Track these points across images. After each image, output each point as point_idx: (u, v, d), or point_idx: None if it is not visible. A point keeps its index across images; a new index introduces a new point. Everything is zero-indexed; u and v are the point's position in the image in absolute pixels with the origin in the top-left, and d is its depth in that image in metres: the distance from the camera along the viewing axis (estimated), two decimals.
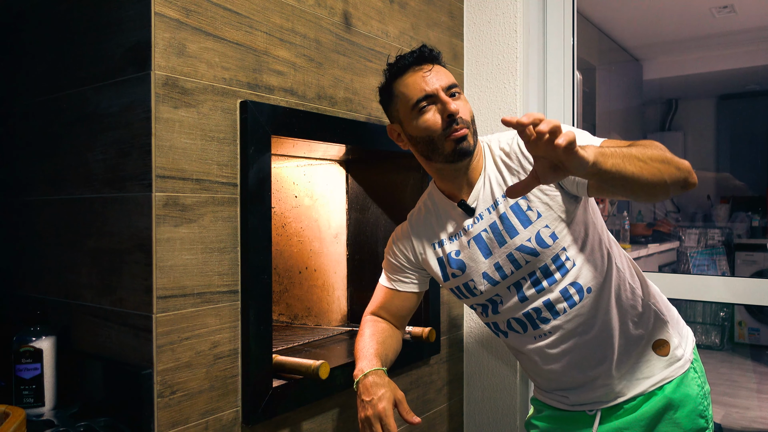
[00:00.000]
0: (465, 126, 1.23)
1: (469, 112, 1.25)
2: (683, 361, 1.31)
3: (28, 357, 1.23)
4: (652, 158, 1.04)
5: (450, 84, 1.25)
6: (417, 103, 1.24)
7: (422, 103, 1.23)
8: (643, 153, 1.04)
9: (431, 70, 1.25)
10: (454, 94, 1.25)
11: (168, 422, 1.15)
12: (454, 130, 1.22)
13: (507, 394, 1.97)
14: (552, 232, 1.21)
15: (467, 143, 1.23)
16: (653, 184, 1.04)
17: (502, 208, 1.25)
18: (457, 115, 1.22)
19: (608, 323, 1.26)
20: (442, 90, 1.23)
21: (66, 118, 1.31)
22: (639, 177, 1.02)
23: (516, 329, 1.31)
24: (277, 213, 2.04)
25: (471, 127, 1.25)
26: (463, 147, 1.23)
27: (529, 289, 1.25)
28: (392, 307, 1.44)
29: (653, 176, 1.03)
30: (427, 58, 1.27)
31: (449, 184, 1.31)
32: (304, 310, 2.01)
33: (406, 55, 1.28)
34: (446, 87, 1.24)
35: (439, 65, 1.28)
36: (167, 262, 1.15)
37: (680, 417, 1.28)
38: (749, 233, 3.13)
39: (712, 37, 3.06)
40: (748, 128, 3.26)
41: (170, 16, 1.16)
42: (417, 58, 1.27)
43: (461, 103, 1.25)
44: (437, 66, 1.27)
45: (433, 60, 1.27)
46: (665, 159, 1.06)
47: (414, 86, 1.24)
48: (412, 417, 1.22)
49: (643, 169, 1.02)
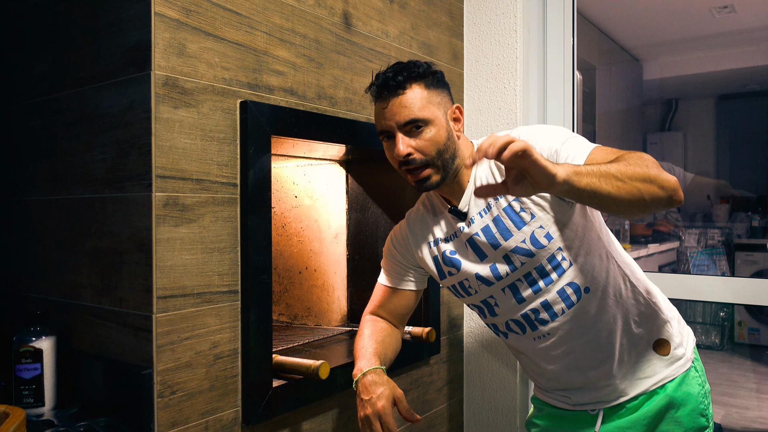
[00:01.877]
0: (421, 165, 1.20)
1: (434, 144, 1.20)
2: (684, 360, 1.31)
3: (28, 357, 1.23)
4: (632, 177, 1.01)
5: (408, 119, 1.18)
6: (380, 134, 1.25)
7: (383, 136, 1.24)
8: (623, 171, 1.01)
9: (389, 105, 1.20)
10: (417, 128, 1.19)
11: (168, 422, 1.15)
12: (408, 170, 1.22)
13: (507, 394, 1.97)
14: (547, 233, 1.21)
15: (429, 182, 1.22)
16: (630, 203, 1.02)
17: (496, 211, 1.24)
18: (409, 156, 1.19)
19: (608, 323, 1.26)
20: (398, 127, 1.20)
21: (66, 118, 1.31)
22: (616, 196, 1.00)
23: (515, 330, 1.31)
24: (277, 213, 2.04)
25: (436, 161, 1.20)
26: (424, 186, 1.23)
27: (525, 290, 1.25)
28: (391, 305, 1.45)
29: (631, 195, 1.01)
30: (388, 91, 1.20)
31: (441, 189, 1.31)
32: (304, 310, 2.01)
33: (376, 79, 1.24)
34: (403, 123, 1.19)
35: (413, 86, 1.20)
36: (167, 262, 1.15)
37: (682, 416, 1.28)
38: (749, 233, 3.13)
39: (712, 37, 3.06)
40: (748, 128, 3.26)
41: (170, 16, 1.16)
42: (378, 90, 1.22)
43: (427, 135, 1.19)
44: (402, 95, 1.19)
45: (398, 88, 1.19)
46: (648, 178, 1.02)
47: (377, 118, 1.25)
48: (412, 415, 1.22)
49: (621, 188, 1.00)
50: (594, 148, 1.15)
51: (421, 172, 1.21)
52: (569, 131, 1.22)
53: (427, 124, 1.20)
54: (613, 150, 1.13)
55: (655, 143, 3.40)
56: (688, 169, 3.29)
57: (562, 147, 1.16)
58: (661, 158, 3.28)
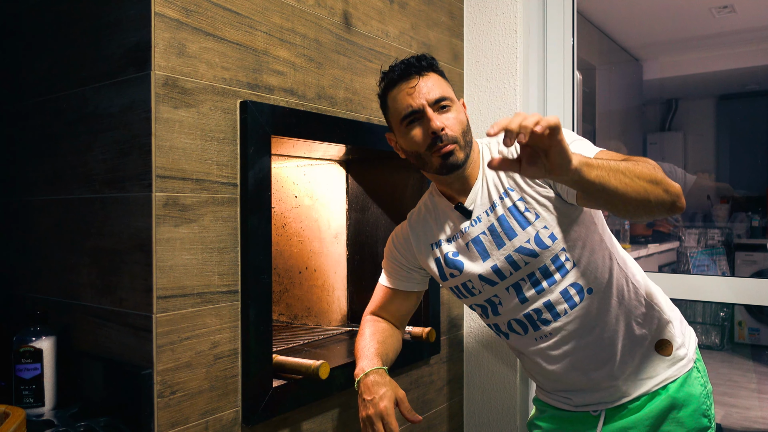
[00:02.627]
0: (451, 141, 1.21)
1: (459, 123, 1.22)
2: (686, 360, 1.31)
3: (28, 357, 1.23)
4: (639, 176, 1.02)
5: (438, 97, 1.21)
6: (404, 119, 1.23)
7: (408, 119, 1.22)
8: (631, 170, 1.01)
9: (417, 84, 1.22)
10: (444, 107, 1.22)
11: (168, 422, 1.15)
12: (438, 148, 1.21)
13: (507, 394, 1.97)
14: (551, 233, 1.21)
15: (455, 158, 1.21)
16: (636, 203, 1.02)
17: (500, 210, 1.25)
18: (441, 131, 1.19)
19: (611, 324, 1.26)
20: (428, 105, 1.21)
21: (66, 118, 1.31)
22: (623, 193, 1.00)
23: (517, 331, 1.30)
24: (277, 213, 2.04)
25: (461, 140, 1.22)
26: (450, 162, 1.22)
27: (528, 290, 1.25)
28: (392, 306, 1.45)
29: (637, 194, 1.01)
30: (415, 70, 1.23)
31: (447, 187, 1.31)
32: (304, 310, 2.01)
33: (395, 67, 1.26)
34: (433, 101, 1.21)
35: (432, 73, 1.24)
36: (167, 262, 1.15)
37: (684, 416, 1.28)
38: (749, 233, 3.13)
39: (712, 37, 3.06)
40: (748, 128, 3.26)
41: (170, 16, 1.16)
42: (403, 71, 1.24)
43: (451, 115, 1.22)
44: (427, 76, 1.23)
45: (422, 70, 1.23)
46: (654, 179, 1.03)
47: (401, 101, 1.23)
48: (413, 415, 1.22)
49: (628, 185, 1.00)
50: (599, 151, 1.16)
51: (448, 146, 1.21)
52: (571, 134, 1.23)
53: (452, 104, 1.24)
54: (617, 154, 1.14)
55: (655, 143, 3.40)
56: (688, 169, 3.29)
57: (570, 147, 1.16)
58: (661, 158, 3.28)
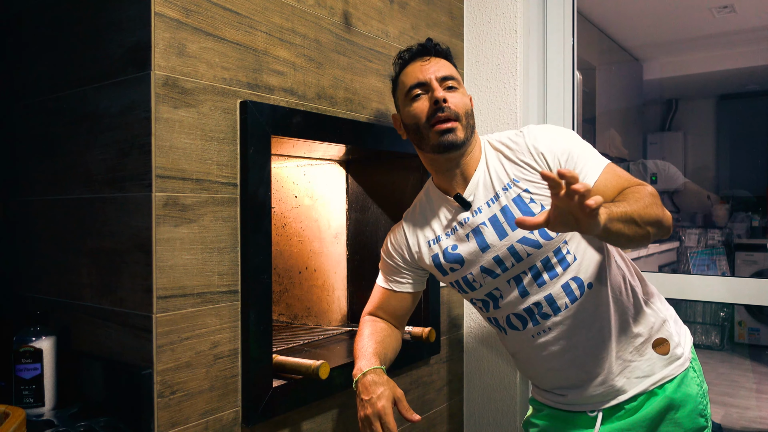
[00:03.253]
0: (452, 117, 1.23)
1: (463, 105, 1.26)
2: (683, 359, 1.31)
3: (28, 357, 1.23)
4: (648, 221, 1.10)
5: (446, 75, 1.27)
6: (410, 90, 1.28)
7: (415, 91, 1.27)
8: (642, 217, 1.08)
9: (429, 61, 1.29)
10: (451, 87, 1.27)
11: (168, 422, 1.15)
12: (438, 119, 1.23)
13: (507, 394, 1.97)
14: None
15: (453, 136, 1.23)
16: (636, 243, 1.13)
17: (504, 201, 1.25)
18: (444, 102, 1.23)
19: (608, 320, 1.26)
20: (436, 80, 1.26)
21: (66, 118, 1.31)
22: (630, 237, 1.09)
23: (515, 325, 1.31)
24: (277, 213, 2.04)
25: (462, 120, 1.25)
26: (447, 139, 1.23)
27: (530, 283, 1.25)
28: (389, 307, 1.45)
29: (641, 237, 1.11)
30: (428, 50, 1.31)
31: (444, 177, 1.32)
32: (304, 310, 2.01)
33: (411, 47, 1.34)
34: (441, 77, 1.27)
35: (444, 59, 1.31)
36: (167, 262, 1.15)
37: (681, 417, 1.28)
38: (749, 233, 3.12)
39: (712, 37, 3.06)
40: (748, 128, 3.26)
41: (170, 16, 1.16)
42: (419, 50, 1.32)
43: (457, 95, 1.26)
44: (438, 58, 1.31)
45: (436, 53, 1.31)
46: (658, 221, 1.12)
47: (411, 74, 1.29)
48: (412, 415, 1.22)
49: (637, 232, 1.09)
50: (604, 168, 1.21)
51: (449, 122, 1.24)
52: (579, 138, 1.26)
53: (459, 86, 1.29)
54: (621, 175, 1.20)
55: (655, 143, 3.40)
56: (688, 169, 3.29)
57: (578, 159, 1.21)
58: (661, 158, 3.28)
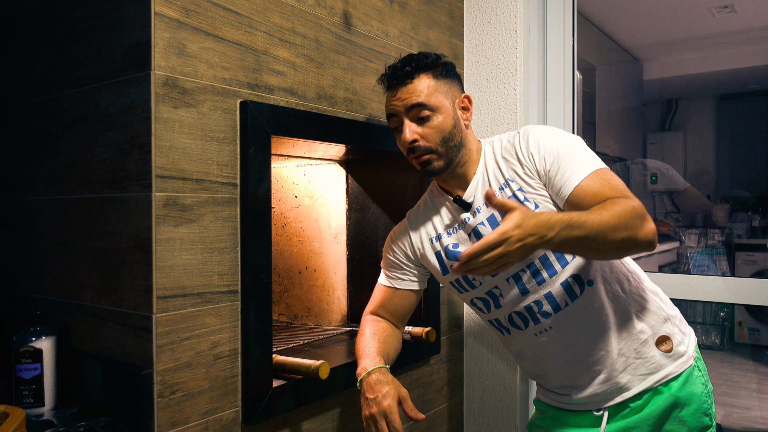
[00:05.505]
0: (425, 152, 1.26)
1: (438, 133, 1.26)
2: (686, 357, 1.31)
3: (28, 357, 1.23)
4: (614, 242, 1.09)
5: (414, 104, 1.25)
6: (388, 120, 1.31)
7: (392, 122, 1.30)
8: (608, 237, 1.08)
9: (398, 93, 1.27)
10: (422, 117, 1.25)
11: (168, 422, 1.15)
12: (412, 157, 1.29)
13: (507, 394, 1.97)
14: None
15: (431, 167, 1.28)
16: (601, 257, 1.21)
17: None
18: (414, 143, 1.26)
19: (610, 318, 1.26)
20: (404, 113, 1.26)
21: (66, 118, 1.31)
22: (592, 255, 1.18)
23: (518, 325, 1.31)
24: (277, 213, 2.04)
25: (440, 148, 1.26)
26: (427, 170, 1.28)
27: (529, 281, 1.25)
28: (391, 305, 1.45)
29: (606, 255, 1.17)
30: (397, 81, 1.27)
31: (445, 182, 1.34)
32: (304, 310, 2.01)
33: (387, 71, 1.31)
34: (409, 107, 1.25)
35: (422, 75, 1.26)
36: (167, 262, 1.15)
37: (686, 415, 1.28)
38: (749, 233, 3.12)
39: (712, 37, 3.06)
40: (748, 128, 3.26)
41: (170, 16, 1.16)
42: (389, 78, 1.30)
43: (430, 125, 1.25)
44: (410, 83, 1.26)
45: (405, 78, 1.26)
46: (629, 241, 1.10)
47: (387, 104, 1.31)
48: (416, 414, 1.22)
49: (601, 248, 1.10)
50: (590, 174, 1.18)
51: (423, 156, 1.27)
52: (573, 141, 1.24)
53: (434, 112, 1.26)
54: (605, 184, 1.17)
55: (655, 143, 3.40)
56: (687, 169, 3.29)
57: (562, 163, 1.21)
58: (661, 158, 3.28)
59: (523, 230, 1.02)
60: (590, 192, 1.16)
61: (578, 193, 1.17)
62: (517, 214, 1.04)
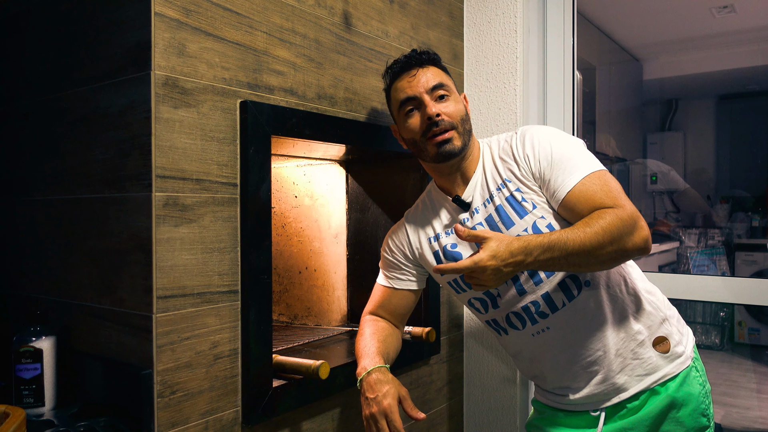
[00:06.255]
0: (448, 128, 1.26)
1: (458, 112, 1.28)
2: (684, 357, 1.31)
3: (28, 357, 1.23)
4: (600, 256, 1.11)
5: (435, 84, 1.27)
6: (401, 106, 1.30)
7: (407, 107, 1.29)
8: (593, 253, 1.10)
9: (417, 74, 1.28)
10: (442, 96, 1.28)
11: (168, 422, 1.15)
12: (433, 133, 1.26)
13: (507, 394, 1.97)
14: (548, 223, 1.22)
15: (451, 145, 1.26)
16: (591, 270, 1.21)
17: (498, 200, 1.27)
18: (438, 117, 1.25)
19: (608, 318, 1.26)
20: (426, 92, 1.27)
21: (66, 118, 1.31)
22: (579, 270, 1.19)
23: (515, 325, 1.31)
24: (277, 213, 2.04)
25: (459, 127, 1.27)
26: (446, 149, 1.26)
27: (526, 281, 1.26)
28: (390, 305, 1.45)
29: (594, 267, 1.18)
30: (415, 63, 1.30)
31: (445, 180, 1.34)
32: (304, 310, 2.01)
33: (398, 60, 1.33)
34: (431, 88, 1.27)
35: (431, 66, 1.31)
36: (167, 262, 1.15)
37: (683, 416, 1.28)
38: (749, 233, 3.12)
39: (712, 37, 3.06)
40: (748, 128, 3.26)
41: (170, 16, 1.16)
42: (405, 64, 1.31)
43: (450, 103, 1.27)
44: (426, 68, 1.30)
45: (422, 63, 1.30)
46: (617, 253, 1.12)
47: (401, 91, 1.30)
48: (417, 413, 1.22)
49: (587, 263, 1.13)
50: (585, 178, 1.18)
51: (445, 133, 1.26)
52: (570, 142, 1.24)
53: (451, 94, 1.29)
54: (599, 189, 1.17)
55: (655, 143, 3.40)
56: (687, 169, 3.29)
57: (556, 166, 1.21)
58: (660, 158, 3.28)
59: (497, 261, 1.06)
60: (584, 196, 1.17)
61: (572, 197, 1.18)
62: (492, 243, 1.07)
